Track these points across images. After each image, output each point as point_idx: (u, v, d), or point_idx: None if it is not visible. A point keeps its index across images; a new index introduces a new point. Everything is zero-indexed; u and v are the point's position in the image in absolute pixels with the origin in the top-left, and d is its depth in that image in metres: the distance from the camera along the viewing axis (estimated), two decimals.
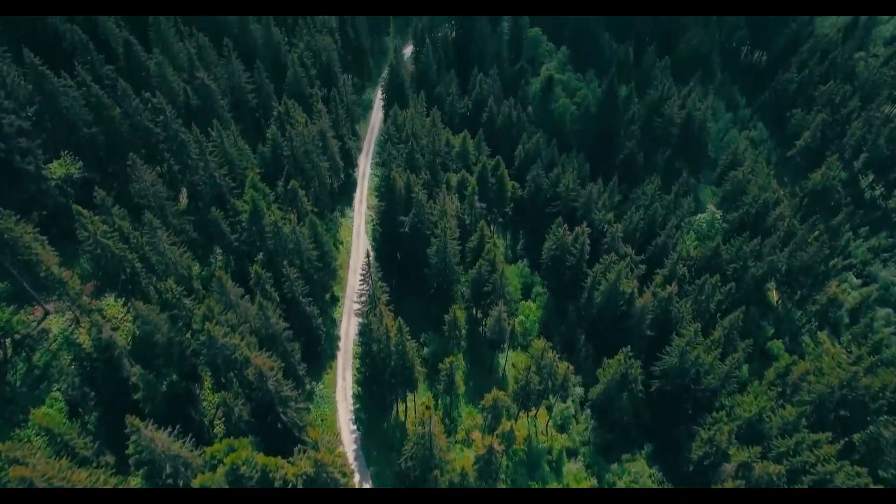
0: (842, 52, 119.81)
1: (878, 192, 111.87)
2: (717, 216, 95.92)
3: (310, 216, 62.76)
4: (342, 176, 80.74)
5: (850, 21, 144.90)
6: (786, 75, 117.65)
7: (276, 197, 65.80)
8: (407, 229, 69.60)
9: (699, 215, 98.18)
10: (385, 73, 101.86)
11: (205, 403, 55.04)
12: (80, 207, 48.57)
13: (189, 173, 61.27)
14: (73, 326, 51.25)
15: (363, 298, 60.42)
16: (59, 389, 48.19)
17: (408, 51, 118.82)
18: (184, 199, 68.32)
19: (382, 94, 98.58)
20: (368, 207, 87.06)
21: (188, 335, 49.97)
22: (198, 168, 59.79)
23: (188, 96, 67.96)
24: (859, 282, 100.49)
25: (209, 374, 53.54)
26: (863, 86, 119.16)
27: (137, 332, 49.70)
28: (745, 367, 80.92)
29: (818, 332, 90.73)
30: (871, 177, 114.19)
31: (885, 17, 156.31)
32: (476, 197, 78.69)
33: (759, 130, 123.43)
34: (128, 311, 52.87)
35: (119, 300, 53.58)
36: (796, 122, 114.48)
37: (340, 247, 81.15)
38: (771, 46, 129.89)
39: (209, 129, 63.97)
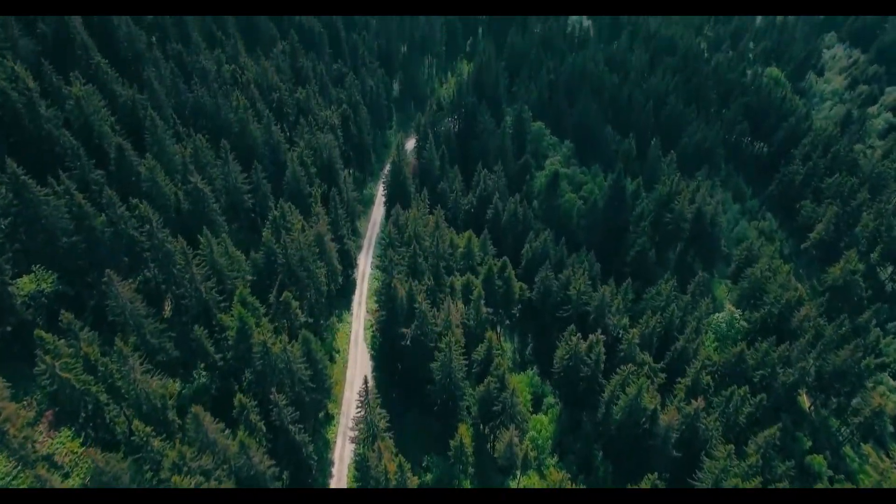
0: (843, 146, 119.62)
1: None
2: (737, 316, 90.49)
3: (302, 332, 57.34)
4: (340, 280, 76.08)
5: (843, 115, 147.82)
6: (791, 167, 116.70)
7: (268, 309, 60.75)
8: (408, 342, 63.95)
9: (717, 314, 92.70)
10: (387, 168, 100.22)
11: None
12: (42, 332, 43.31)
13: (174, 286, 56.50)
14: (18, 468, 44.21)
15: (360, 426, 53.72)
16: None
17: (410, 144, 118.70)
18: (168, 309, 63.16)
19: (384, 190, 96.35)
20: (368, 311, 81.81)
21: (155, 482, 42.97)
22: (183, 281, 55.09)
23: (179, 201, 64.58)
24: None
25: None
26: (868, 177, 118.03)
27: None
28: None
29: (861, 444, 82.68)
30: (889, 268, 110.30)
31: (876, 111, 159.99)
32: (482, 301, 73.71)
33: (768, 221, 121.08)
34: (87, 449, 46.10)
35: (78, 437, 46.88)
36: (806, 213, 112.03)
37: (337, 356, 75.06)
38: (771, 139, 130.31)
39: (199, 236, 60.06)
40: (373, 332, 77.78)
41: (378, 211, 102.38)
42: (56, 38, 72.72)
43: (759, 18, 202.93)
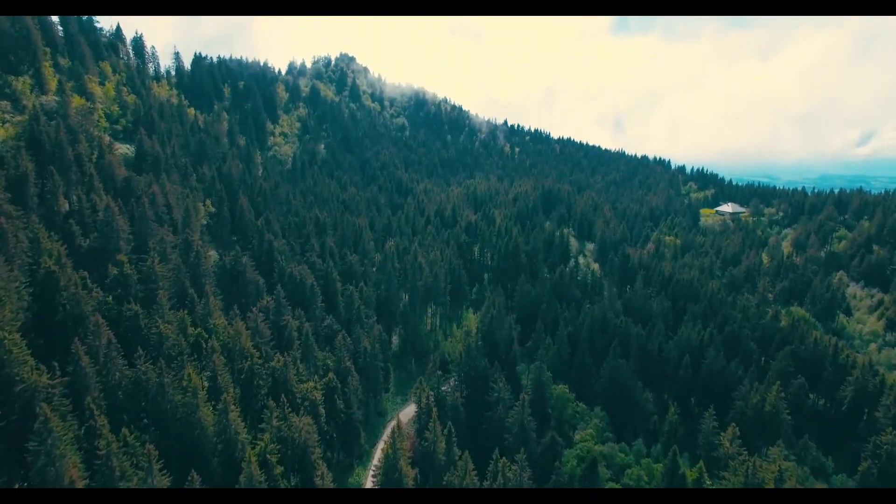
0: None
1: None
2: None
3: None
4: None
5: None
6: (884, 438, 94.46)
7: None
8: None
9: None
10: (379, 453, 78.64)
11: None
12: None
13: None
14: None
15: None
16: None
17: (410, 411, 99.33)
18: None
19: (375, 486, 73.43)
20: None
21: None
22: None
23: None
24: None
25: None
26: None
27: None
28: None
29: None
30: None
31: None
32: None
33: None
34: None
35: None
36: None
37: None
38: (834, 395, 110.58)
39: None
40: None
41: None
42: None
43: (764, 258, 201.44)
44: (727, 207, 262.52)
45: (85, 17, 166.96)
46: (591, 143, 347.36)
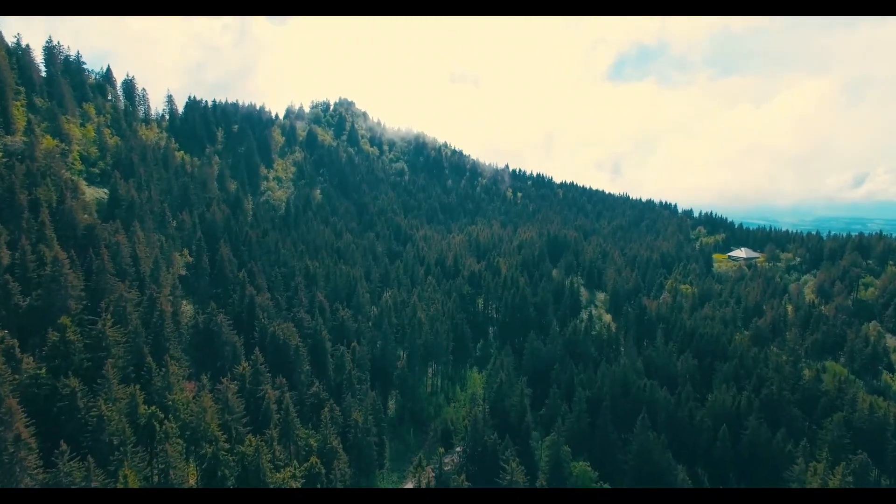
0: None
1: None
2: None
3: None
4: None
5: None
6: None
7: None
8: None
9: None
10: None
11: None
12: None
13: None
14: None
15: None
16: None
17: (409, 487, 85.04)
18: None
19: None
20: None
21: None
22: None
23: None
24: None
25: None
26: None
27: None
28: None
29: None
30: None
31: None
32: None
33: None
34: None
35: None
36: None
37: None
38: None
39: None
40: None
41: None
42: None
43: (788, 308, 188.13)
44: (741, 252, 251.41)
45: (72, 58, 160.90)
46: (592, 188, 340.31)
